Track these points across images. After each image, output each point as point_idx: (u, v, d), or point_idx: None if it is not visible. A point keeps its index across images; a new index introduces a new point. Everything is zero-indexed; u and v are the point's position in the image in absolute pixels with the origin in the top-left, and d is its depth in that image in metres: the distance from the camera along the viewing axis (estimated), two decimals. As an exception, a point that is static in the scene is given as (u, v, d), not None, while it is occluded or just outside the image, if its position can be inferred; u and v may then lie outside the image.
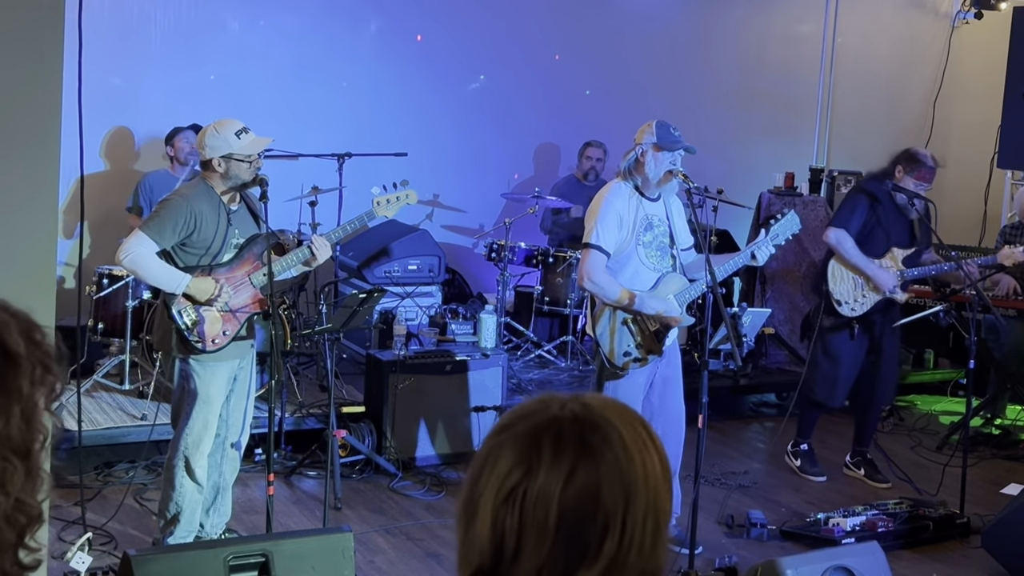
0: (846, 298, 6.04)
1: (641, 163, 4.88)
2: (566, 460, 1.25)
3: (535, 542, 1.24)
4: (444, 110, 8.49)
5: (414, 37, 8.34)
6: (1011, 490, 6.03)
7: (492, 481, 1.28)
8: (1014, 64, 8.32)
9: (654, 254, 4.95)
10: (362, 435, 5.99)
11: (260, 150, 4.59)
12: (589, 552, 1.24)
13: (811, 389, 6.27)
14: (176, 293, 4.49)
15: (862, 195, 6.08)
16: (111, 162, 7.60)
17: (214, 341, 4.56)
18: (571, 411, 1.29)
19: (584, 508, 1.24)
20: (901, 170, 5.97)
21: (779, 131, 9.52)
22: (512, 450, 1.28)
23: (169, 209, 4.50)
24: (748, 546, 5.22)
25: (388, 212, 4.95)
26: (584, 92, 8.92)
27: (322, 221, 7.00)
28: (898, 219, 6.02)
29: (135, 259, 4.43)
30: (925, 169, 5.94)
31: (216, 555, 3.68)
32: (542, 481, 1.24)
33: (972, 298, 5.75)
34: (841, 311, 6.04)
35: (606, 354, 4.93)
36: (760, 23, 9.48)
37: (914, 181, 5.94)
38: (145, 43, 7.55)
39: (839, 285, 6.04)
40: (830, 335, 6.14)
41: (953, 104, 9.88)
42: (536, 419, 1.29)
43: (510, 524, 1.25)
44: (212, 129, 4.56)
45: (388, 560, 4.99)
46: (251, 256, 4.67)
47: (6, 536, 1.25)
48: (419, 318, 7.27)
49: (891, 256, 6.03)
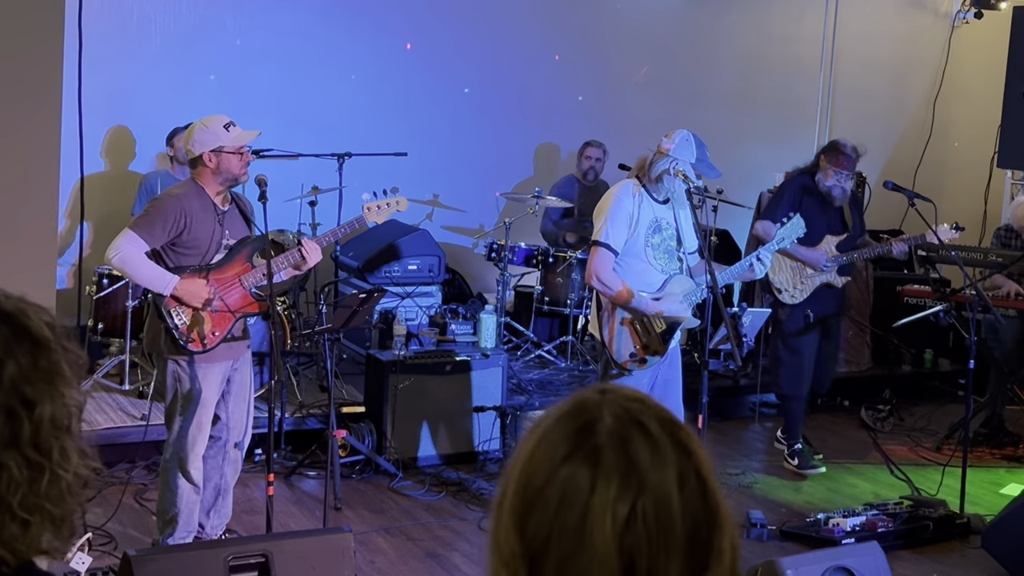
0: (785, 286, 6.23)
1: (670, 173, 4.88)
2: (669, 461, 1.20)
3: (666, 555, 1.18)
4: (444, 110, 8.49)
5: (415, 37, 8.33)
6: (1011, 490, 6.04)
7: (597, 513, 1.17)
8: (1014, 64, 8.32)
9: (662, 256, 4.96)
10: (362, 435, 5.99)
11: (249, 141, 4.57)
12: (712, 551, 1.23)
13: (778, 385, 6.46)
14: (164, 294, 4.47)
15: (788, 187, 6.34)
16: (111, 163, 7.60)
17: (204, 342, 4.54)
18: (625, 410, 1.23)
19: (697, 506, 1.22)
20: (824, 159, 6.23)
21: (779, 131, 9.51)
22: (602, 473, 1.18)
23: (159, 208, 4.49)
24: (748, 546, 5.22)
25: (378, 219, 4.94)
26: (584, 92, 8.92)
27: (322, 221, 7.00)
28: (828, 207, 6.23)
29: (123, 257, 4.41)
30: (843, 157, 6.16)
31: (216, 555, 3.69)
32: (655, 491, 1.18)
33: (972, 298, 5.76)
34: (783, 299, 6.22)
35: (609, 354, 4.94)
36: (760, 23, 9.48)
37: (833, 170, 6.17)
38: (145, 43, 7.54)
39: (777, 274, 6.22)
40: (787, 326, 6.30)
41: (953, 104, 9.88)
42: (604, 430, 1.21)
43: (638, 545, 1.17)
44: (199, 125, 4.56)
45: (388, 560, 4.99)
46: (241, 258, 4.65)
47: (71, 506, 1.37)
48: (419, 318, 7.27)
49: (824, 242, 6.23)
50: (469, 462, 6.22)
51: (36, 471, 1.34)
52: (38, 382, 1.36)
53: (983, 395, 7.11)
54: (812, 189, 6.22)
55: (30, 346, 1.37)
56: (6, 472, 1.32)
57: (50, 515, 1.35)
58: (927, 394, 8.10)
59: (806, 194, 6.21)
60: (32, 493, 1.34)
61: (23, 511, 1.33)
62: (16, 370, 1.35)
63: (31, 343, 1.37)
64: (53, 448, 1.36)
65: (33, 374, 1.36)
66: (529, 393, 6.88)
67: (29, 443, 1.34)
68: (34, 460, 1.34)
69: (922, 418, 7.52)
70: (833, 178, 6.17)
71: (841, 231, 6.29)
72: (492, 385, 6.33)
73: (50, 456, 1.35)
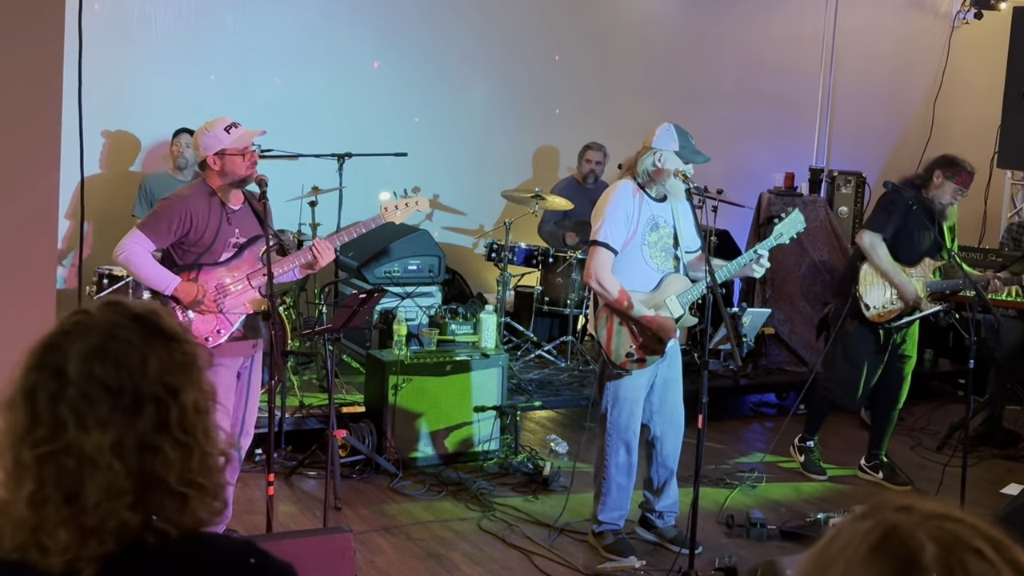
0: (875, 303, 5.98)
1: (659, 170, 4.88)
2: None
3: None
4: (444, 110, 8.49)
5: (416, 36, 8.33)
6: (1011, 490, 6.03)
7: None
8: (1014, 64, 8.32)
9: (658, 255, 4.95)
10: (362, 435, 5.99)
11: (250, 141, 4.60)
12: None
13: (829, 390, 6.26)
14: (166, 294, 4.55)
15: (899, 200, 5.92)
16: (111, 163, 7.60)
17: (207, 340, 4.58)
18: (948, 533, 1.07)
19: None
20: (940, 175, 5.91)
21: (779, 131, 9.52)
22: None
23: (165, 209, 4.57)
24: (748, 546, 5.22)
25: (396, 219, 4.96)
26: (584, 93, 8.92)
27: (322, 221, 7.00)
28: (929, 228, 5.93)
29: (129, 256, 4.50)
30: (965, 174, 5.89)
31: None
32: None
33: (972, 298, 5.75)
34: (868, 315, 5.98)
35: (606, 354, 4.94)
36: (760, 23, 9.48)
37: (954, 186, 5.88)
38: (145, 44, 7.54)
39: (870, 290, 5.98)
40: (853, 339, 6.08)
41: (953, 104, 9.88)
42: (930, 563, 1.05)
43: None
44: (203, 129, 4.62)
45: (388, 560, 4.99)
46: (252, 257, 4.68)
47: (220, 480, 1.56)
48: (419, 318, 7.27)
49: (923, 266, 6.00)
50: (469, 462, 6.22)
51: (186, 451, 1.50)
52: (178, 372, 1.52)
53: (983, 395, 7.11)
54: (917, 206, 5.86)
55: (165, 341, 1.54)
56: (161, 454, 1.48)
57: (204, 489, 1.52)
58: (927, 394, 8.10)
59: (911, 211, 5.87)
60: (186, 470, 1.50)
61: (181, 486, 1.49)
62: (158, 363, 1.51)
63: (165, 339, 1.54)
64: (198, 429, 1.52)
65: (172, 365, 1.52)
66: (529, 393, 6.88)
67: (178, 426, 1.50)
68: (183, 441, 1.50)
69: (922, 418, 7.52)
70: (950, 195, 5.88)
71: (938, 254, 5.98)
72: (492, 385, 6.33)
73: (196, 436, 1.52)
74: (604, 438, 5.05)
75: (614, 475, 5.06)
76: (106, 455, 1.45)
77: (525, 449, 6.39)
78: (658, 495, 5.23)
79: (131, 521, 1.47)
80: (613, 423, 5.01)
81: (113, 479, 1.45)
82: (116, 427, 1.47)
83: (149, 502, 1.48)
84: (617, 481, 5.07)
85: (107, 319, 1.53)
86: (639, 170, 4.92)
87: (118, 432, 1.47)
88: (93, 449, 1.45)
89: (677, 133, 4.88)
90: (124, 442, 1.47)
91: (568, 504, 5.45)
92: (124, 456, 1.46)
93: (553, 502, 5.68)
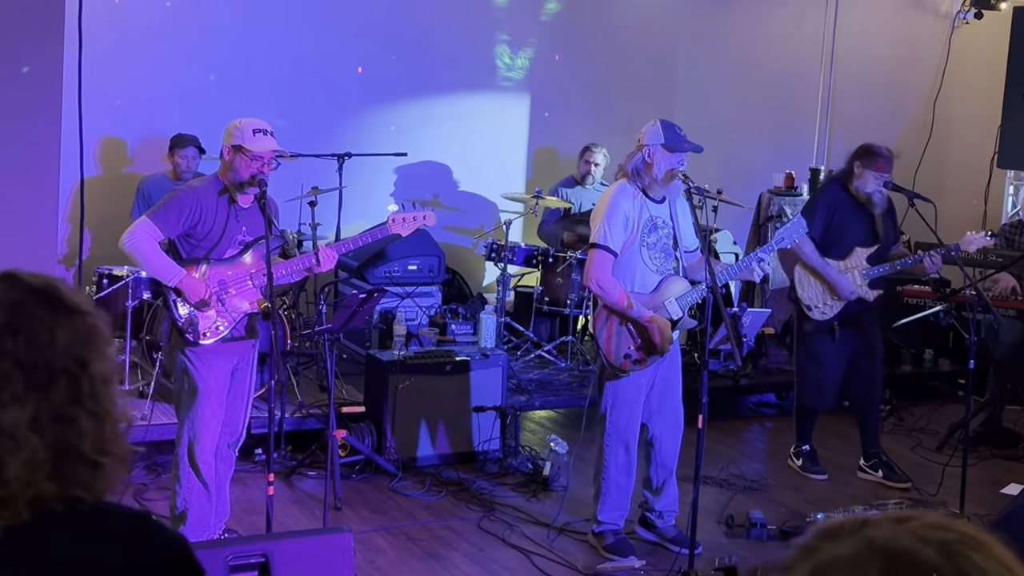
0: (815, 302, 6.07)
1: (649, 164, 4.88)
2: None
3: None
4: (444, 109, 8.49)
5: (417, 36, 8.33)
6: (1011, 490, 6.03)
7: None
8: (1014, 64, 8.33)
9: (658, 256, 4.95)
10: (362, 435, 5.99)
11: (269, 151, 4.61)
12: None
13: (801, 395, 6.33)
14: (170, 285, 4.54)
15: (822, 198, 6.11)
16: (111, 164, 7.60)
17: (206, 334, 4.59)
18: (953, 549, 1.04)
19: None
20: (859, 165, 6.00)
21: (779, 131, 9.52)
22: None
23: (175, 199, 4.57)
24: (748, 546, 5.22)
25: (403, 231, 4.99)
26: (584, 93, 8.92)
27: (322, 221, 7.00)
28: (859, 218, 6.03)
29: (136, 244, 4.48)
30: (881, 160, 5.97)
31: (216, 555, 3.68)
32: None
33: (972, 298, 5.75)
34: (812, 316, 6.08)
35: (606, 355, 4.94)
36: (760, 23, 9.48)
37: (874, 174, 5.96)
38: (145, 44, 7.54)
39: (807, 290, 6.08)
40: (812, 339, 6.17)
41: (953, 104, 9.88)
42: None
43: None
44: (237, 121, 4.63)
45: (388, 560, 4.99)
46: (256, 256, 4.68)
47: (127, 447, 1.60)
48: (419, 318, 7.27)
49: (854, 255, 6.06)
50: (469, 462, 6.22)
51: (99, 420, 1.54)
52: (85, 344, 1.54)
53: (983, 395, 7.11)
54: (844, 198, 6.00)
55: (69, 314, 1.55)
56: (76, 425, 1.52)
57: (116, 456, 1.57)
58: (927, 394, 8.10)
59: (838, 205, 6.01)
60: (100, 439, 1.54)
61: (95, 455, 1.53)
62: (65, 336, 1.53)
63: (68, 311, 1.55)
64: (107, 399, 1.56)
65: (79, 337, 1.54)
66: (529, 393, 6.88)
67: (89, 397, 1.53)
68: (95, 411, 1.54)
69: (922, 418, 7.52)
70: (874, 183, 5.95)
71: (871, 243, 6.06)
72: (492, 385, 6.33)
73: (106, 406, 1.56)
74: (604, 438, 5.05)
75: (614, 475, 5.06)
76: (23, 430, 1.48)
77: (525, 449, 6.39)
78: (657, 495, 5.23)
79: (47, 491, 1.49)
80: (613, 423, 5.01)
81: (32, 453, 1.48)
82: (32, 402, 1.49)
83: (65, 471, 1.51)
84: (617, 481, 5.07)
85: (9, 296, 1.54)
86: (629, 169, 4.93)
87: (35, 407, 1.49)
88: (11, 425, 1.48)
89: (663, 127, 4.89)
90: (40, 416, 1.49)
91: (568, 504, 5.45)
92: (41, 430, 1.49)
93: (553, 502, 5.68)
